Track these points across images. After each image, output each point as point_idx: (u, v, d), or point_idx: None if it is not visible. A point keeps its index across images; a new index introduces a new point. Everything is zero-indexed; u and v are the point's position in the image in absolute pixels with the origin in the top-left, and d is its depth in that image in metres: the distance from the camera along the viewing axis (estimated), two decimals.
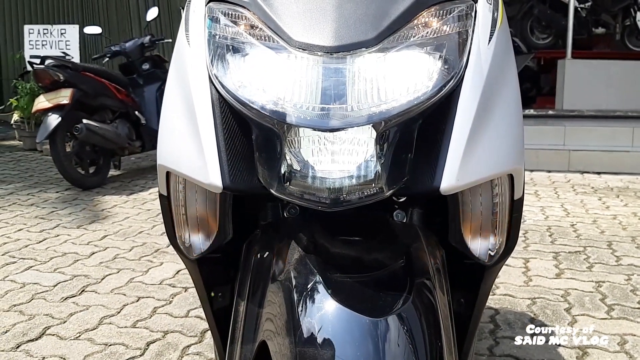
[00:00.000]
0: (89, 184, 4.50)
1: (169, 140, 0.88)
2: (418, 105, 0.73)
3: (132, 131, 4.86)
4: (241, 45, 0.78)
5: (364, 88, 0.73)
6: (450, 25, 0.77)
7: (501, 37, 0.84)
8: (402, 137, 0.75)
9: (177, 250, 0.99)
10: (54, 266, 2.78)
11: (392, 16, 0.75)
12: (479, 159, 0.78)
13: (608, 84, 6.12)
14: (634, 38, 7.77)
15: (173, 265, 2.73)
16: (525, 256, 2.79)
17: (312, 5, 0.77)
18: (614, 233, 3.15)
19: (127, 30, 7.71)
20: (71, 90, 4.26)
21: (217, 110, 0.81)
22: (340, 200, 0.76)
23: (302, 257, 0.81)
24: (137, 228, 3.41)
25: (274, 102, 0.74)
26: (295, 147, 0.76)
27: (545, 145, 5.12)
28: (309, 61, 0.73)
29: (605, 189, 4.26)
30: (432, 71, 0.75)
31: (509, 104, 0.83)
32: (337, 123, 0.71)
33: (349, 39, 0.73)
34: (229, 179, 0.79)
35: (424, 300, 0.76)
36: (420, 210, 0.96)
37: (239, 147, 0.81)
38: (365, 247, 0.87)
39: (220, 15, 0.82)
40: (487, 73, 0.79)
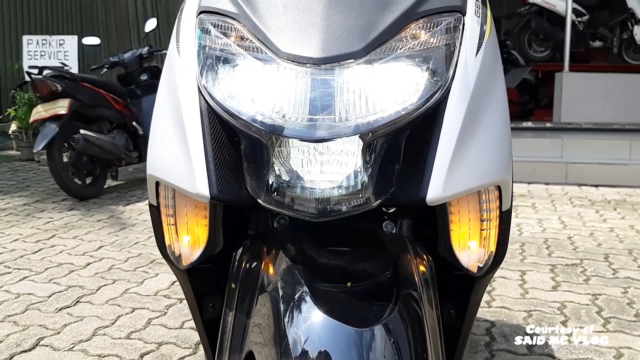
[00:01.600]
0: (86, 194, 4.50)
1: (158, 150, 0.89)
2: (405, 116, 0.73)
3: (130, 142, 4.87)
4: (230, 57, 0.79)
5: (352, 99, 0.73)
6: (437, 38, 0.78)
7: (489, 49, 0.84)
8: (390, 147, 0.76)
9: (167, 260, 0.99)
10: (49, 277, 2.77)
11: (379, 28, 0.75)
12: (466, 170, 0.78)
13: (605, 96, 6.14)
14: (631, 51, 7.82)
15: (168, 277, 2.72)
16: (522, 268, 2.79)
17: (300, 17, 0.78)
18: (611, 246, 3.15)
19: (125, 41, 7.74)
20: (69, 100, 4.27)
21: (206, 121, 0.81)
22: (327, 211, 0.76)
23: (290, 268, 0.81)
24: (133, 239, 3.40)
25: (262, 113, 0.74)
26: (283, 157, 0.76)
27: (543, 157, 5.13)
28: (297, 72, 0.74)
29: (603, 201, 4.26)
30: (419, 82, 0.75)
31: (496, 115, 0.84)
32: (324, 134, 0.72)
33: (337, 50, 0.73)
34: (217, 188, 0.80)
35: (410, 311, 0.75)
36: (409, 221, 0.96)
37: (227, 158, 0.81)
38: (353, 258, 0.87)
39: (211, 26, 0.83)
40: (474, 85, 0.79)
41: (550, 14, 7.51)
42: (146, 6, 7.78)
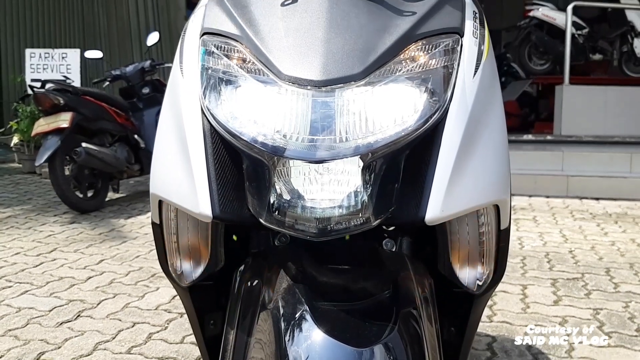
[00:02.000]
0: (87, 207, 4.51)
1: (161, 169, 0.89)
2: (404, 137, 0.74)
3: (131, 154, 4.88)
4: (233, 78, 0.80)
5: (352, 120, 0.74)
6: (436, 59, 0.79)
7: (486, 69, 0.85)
8: (389, 167, 0.76)
9: (169, 277, 1.00)
10: (50, 290, 2.77)
11: (379, 51, 0.77)
12: (464, 190, 0.79)
13: (606, 109, 6.17)
14: (631, 64, 7.85)
15: (169, 290, 2.72)
16: (523, 282, 2.78)
17: (301, 39, 0.79)
18: (612, 259, 3.15)
19: (128, 55, 7.77)
20: (71, 114, 4.29)
21: (209, 141, 0.82)
22: (328, 230, 0.77)
23: (291, 286, 0.81)
24: (134, 252, 3.41)
25: (263, 134, 0.75)
26: (285, 177, 0.77)
27: (544, 170, 5.14)
28: (298, 94, 0.75)
29: (604, 214, 4.26)
30: (418, 104, 0.76)
31: (494, 135, 0.85)
32: (325, 154, 0.73)
33: (337, 73, 0.74)
34: (219, 208, 0.80)
35: (409, 329, 0.76)
36: (409, 239, 0.97)
37: (229, 177, 0.82)
38: (353, 276, 0.87)
39: (214, 48, 0.84)
40: (471, 105, 0.80)
41: (550, 27, 7.56)
42: (148, 19, 7.83)
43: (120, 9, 7.89)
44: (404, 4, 0.86)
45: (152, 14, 7.83)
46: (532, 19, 7.61)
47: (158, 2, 7.79)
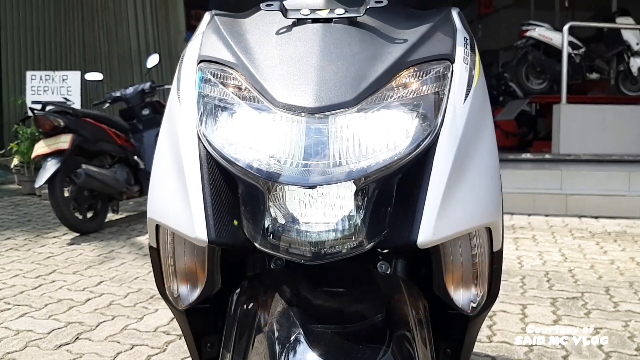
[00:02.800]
0: (87, 228, 4.51)
1: (158, 194, 0.91)
2: (396, 162, 0.76)
3: (131, 176, 4.90)
4: (229, 105, 0.82)
5: (345, 146, 0.76)
6: (427, 86, 0.81)
7: (477, 94, 0.87)
8: (382, 191, 0.78)
9: (166, 301, 1.00)
10: (49, 313, 2.77)
11: (370, 78, 0.78)
12: (456, 213, 0.80)
13: (603, 128, 6.20)
14: (627, 83, 7.91)
15: (168, 312, 2.71)
16: (523, 302, 2.78)
17: (295, 67, 0.81)
18: (612, 278, 3.15)
19: (128, 77, 7.83)
20: (71, 135, 4.31)
21: (205, 167, 0.84)
22: (322, 254, 0.78)
23: (286, 310, 0.82)
24: (133, 274, 3.40)
25: (258, 160, 0.77)
26: (279, 201, 0.78)
27: (543, 189, 5.15)
28: (293, 121, 0.76)
29: (603, 233, 4.26)
30: (410, 129, 0.78)
31: (485, 158, 0.86)
32: (318, 180, 0.74)
33: (330, 100, 0.76)
34: (215, 233, 0.82)
35: (403, 351, 0.77)
36: (404, 261, 0.98)
37: (225, 202, 0.83)
38: (347, 299, 0.88)
39: (210, 75, 0.86)
40: (462, 130, 0.82)
41: (546, 47, 7.63)
42: (148, 42, 7.90)
43: (121, 31, 7.97)
44: (396, 32, 0.88)
45: (152, 36, 7.90)
46: (528, 39, 7.68)
47: (158, 25, 7.87)
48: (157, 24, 7.87)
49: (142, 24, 7.90)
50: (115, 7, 7.91)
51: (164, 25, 7.84)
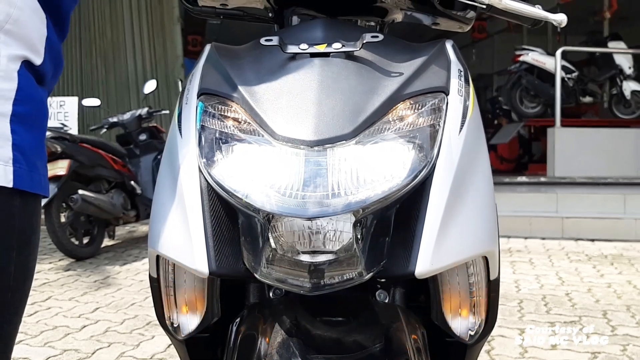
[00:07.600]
0: (83, 254, 4.50)
1: (159, 226, 0.92)
2: (394, 193, 0.77)
3: (127, 201, 4.90)
4: (229, 138, 0.83)
5: (343, 178, 0.77)
6: (423, 118, 0.83)
7: (472, 125, 0.89)
8: (380, 222, 0.79)
9: (165, 330, 1.01)
10: (44, 340, 2.75)
11: (367, 111, 0.80)
12: (453, 243, 0.81)
13: (597, 151, 6.26)
14: (621, 106, 8.00)
15: (165, 339, 2.69)
16: (521, 326, 2.77)
17: (294, 101, 0.82)
18: (609, 302, 3.15)
19: (125, 102, 7.86)
20: (68, 161, 4.32)
21: (206, 199, 0.85)
22: (321, 285, 0.79)
23: (286, 339, 0.83)
24: (129, 300, 3.39)
25: (258, 192, 0.78)
26: (279, 233, 0.79)
27: (539, 212, 5.17)
28: (292, 154, 0.78)
29: (600, 256, 4.27)
30: (406, 160, 0.79)
31: (480, 189, 0.87)
32: (317, 211, 0.75)
33: (328, 133, 0.78)
34: (215, 264, 0.82)
35: None
36: (402, 289, 0.99)
37: (225, 233, 0.84)
38: (346, 329, 0.89)
39: (210, 108, 0.88)
40: (457, 161, 0.83)
41: (540, 71, 7.72)
42: (145, 67, 7.95)
43: (119, 58, 8.02)
44: (392, 65, 0.90)
45: (150, 62, 7.95)
46: (522, 64, 7.78)
47: (155, 51, 7.92)
48: (155, 50, 7.92)
49: (140, 51, 7.95)
50: (113, 35, 7.97)
51: (161, 52, 7.90)
